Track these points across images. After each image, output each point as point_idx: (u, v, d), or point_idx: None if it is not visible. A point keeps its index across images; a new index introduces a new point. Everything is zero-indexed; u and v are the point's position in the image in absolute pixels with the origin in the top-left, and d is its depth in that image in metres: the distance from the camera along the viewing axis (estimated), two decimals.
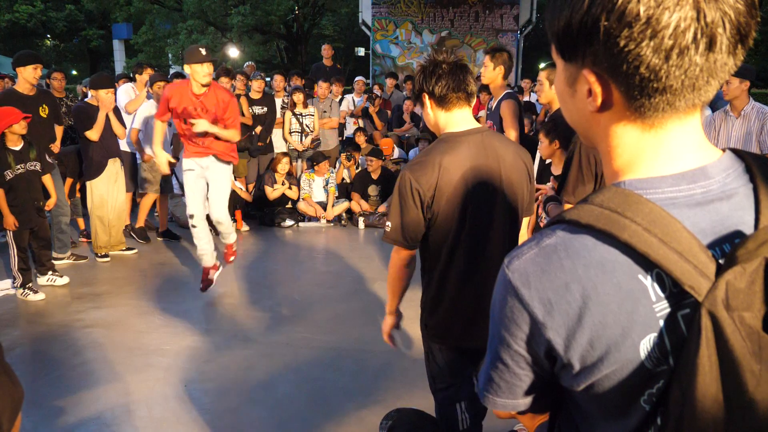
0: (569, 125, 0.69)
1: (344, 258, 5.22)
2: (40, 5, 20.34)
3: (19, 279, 4.03)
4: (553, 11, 0.59)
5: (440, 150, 1.69)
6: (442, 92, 1.68)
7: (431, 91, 1.70)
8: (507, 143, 1.80)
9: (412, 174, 1.67)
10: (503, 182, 1.72)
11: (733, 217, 0.57)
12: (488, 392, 0.72)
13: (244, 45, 18.16)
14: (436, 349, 1.85)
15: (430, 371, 1.92)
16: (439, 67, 1.68)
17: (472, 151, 1.69)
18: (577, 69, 0.60)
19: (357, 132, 7.07)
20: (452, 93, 1.69)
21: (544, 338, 0.60)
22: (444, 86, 1.68)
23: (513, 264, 0.62)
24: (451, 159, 1.67)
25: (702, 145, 0.61)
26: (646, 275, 0.56)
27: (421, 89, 1.73)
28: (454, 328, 1.78)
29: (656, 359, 0.56)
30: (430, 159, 1.67)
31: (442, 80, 1.67)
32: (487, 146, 1.72)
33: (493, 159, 1.71)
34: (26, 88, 4.40)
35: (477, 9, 11.01)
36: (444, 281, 1.75)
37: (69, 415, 2.62)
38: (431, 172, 1.65)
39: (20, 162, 3.94)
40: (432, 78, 1.68)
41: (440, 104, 1.71)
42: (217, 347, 3.33)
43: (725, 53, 0.53)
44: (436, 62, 1.69)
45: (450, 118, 1.73)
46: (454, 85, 1.68)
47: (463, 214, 1.68)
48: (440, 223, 1.69)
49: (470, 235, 1.70)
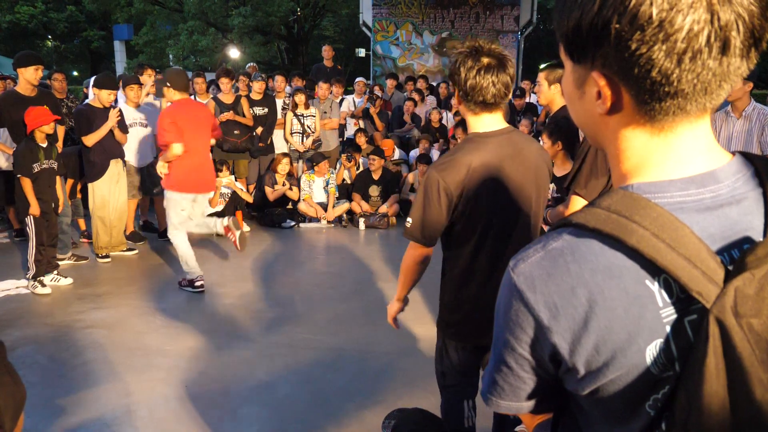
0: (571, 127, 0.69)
1: (345, 259, 5.22)
2: (41, 6, 20.35)
3: (32, 270, 4.14)
4: (563, 12, 0.58)
5: (468, 150, 1.68)
6: (477, 98, 1.63)
7: (464, 91, 1.63)
8: (531, 143, 1.80)
9: (440, 173, 1.66)
10: (528, 183, 1.73)
11: (742, 222, 0.57)
12: (492, 395, 0.71)
13: (245, 46, 18.17)
14: (452, 347, 1.86)
15: (441, 368, 1.93)
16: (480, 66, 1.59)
17: (499, 152, 1.68)
18: (586, 71, 0.59)
19: (357, 133, 7.07)
20: (483, 103, 1.64)
21: (549, 342, 0.59)
22: (479, 93, 1.61)
23: (519, 267, 0.61)
24: (479, 159, 1.66)
25: (711, 148, 0.60)
26: (654, 281, 0.55)
27: (454, 83, 1.66)
28: (474, 328, 1.79)
29: (662, 365, 0.55)
30: (457, 158, 1.67)
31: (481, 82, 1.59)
32: (514, 147, 1.71)
33: (519, 160, 1.71)
34: (27, 89, 4.42)
35: (477, 10, 11.01)
36: (467, 281, 1.75)
37: (70, 416, 2.62)
38: (459, 172, 1.65)
39: (47, 158, 4.19)
40: (470, 75, 1.60)
41: (469, 107, 1.68)
42: (218, 348, 3.33)
43: (738, 57, 0.52)
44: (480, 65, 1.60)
45: (478, 120, 1.71)
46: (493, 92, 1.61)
47: (490, 214, 1.69)
48: (466, 223, 1.69)
49: (495, 235, 1.71)
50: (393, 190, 6.47)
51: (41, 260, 4.15)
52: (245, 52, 18.38)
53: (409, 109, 7.75)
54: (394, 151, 7.22)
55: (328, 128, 6.88)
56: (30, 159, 4.07)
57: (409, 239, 1.76)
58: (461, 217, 1.69)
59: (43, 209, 4.15)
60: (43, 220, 4.16)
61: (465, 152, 1.68)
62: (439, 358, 1.92)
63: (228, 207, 5.95)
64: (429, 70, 11.17)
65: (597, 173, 2.41)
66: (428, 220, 1.69)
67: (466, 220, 1.69)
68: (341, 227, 6.28)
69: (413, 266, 1.81)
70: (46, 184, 4.19)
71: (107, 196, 4.90)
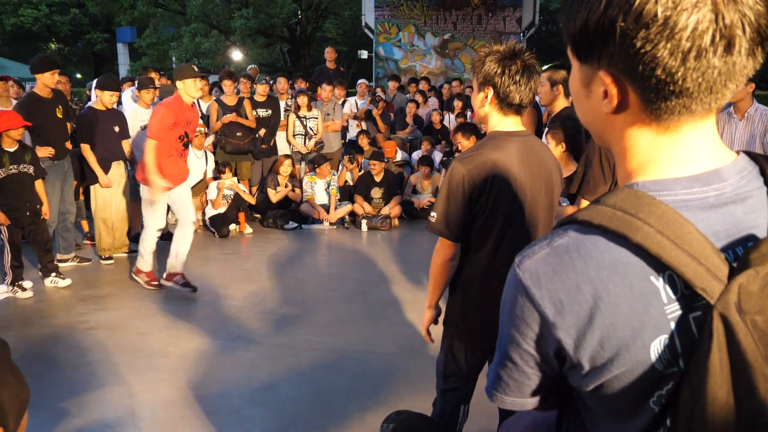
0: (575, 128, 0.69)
1: (347, 260, 5.22)
2: (44, 9, 20.43)
3: (9, 276, 4.10)
4: (570, 12, 0.59)
5: (491, 146, 1.70)
6: (512, 101, 1.65)
7: (499, 92, 1.65)
8: (546, 149, 1.83)
9: (464, 167, 1.68)
10: (545, 187, 1.75)
11: (746, 220, 0.57)
12: (497, 390, 0.72)
13: (247, 48, 18.22)
14: (460, 349, 1.83)
15: (444, 371, 1.89)
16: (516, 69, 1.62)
17: (519, 153, 1.71)
18: (592, 70, 0.60)
19: (360, 134, 7.08)
20: (518, 105, 1.67)
21: (554, 338, 0.60)
22: (516, 94, 1.64)
23: (524, 263, 0.61)
24: (502, 157, 1.68)
25: (716, 147, 0.60)
26: (658, 277, 0.56)
27: (489, 83, 1.66)
28: (488, 330, 1.77)
29: (667, 361, 0.56)
30: (481, 154, 1.69)
31: (517, 86, 1.63)
32: (533, 150, 1.74)
33: (537, 164, 1.73)
34: (45, 92, 4.53)
35: (480, 11, 11.03)
36: (485, 279, 1.74)
37: (72, 417, 2.62)
38: (483, 167, 1.67)
39: (14, 163, 4.03)
40: (507, 78, 1.62)
41: (501, 108, 1.69)
42: (221, 349, 3.33)
43: (744, 56, 0.53)
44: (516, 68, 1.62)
45: (502, 120, 1.73)
46: (524, 96, 1.65)
47: (510, 212, 1.69)
48: (486, 220, 1.70)
49: (514, 234, 1.71)
50: (395, 191, 6.48)
51: (17, 265, 4.08)
52: (248, 54, 18.42)
53: (411, 110, 7.76)
54: (396, 153, 7.23)
55: (330, 130, 6.90)
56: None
57: (434, 233, 1.75)
58: (482, 212, 1.69)
59: (16, 217, 4.03)
60: (15, 228, 4.04)
61: (489, 148, 1.69)
62: (444, 360, 1.89)
63: (231, 209, 5.97)
64: (431, 71, 11.18)
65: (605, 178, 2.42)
66: (453, 213, 1.69)
67: (487, 217, 1.69)
68: (344, 229, 6.28)
69: (442, 265, 1.78)
70: (18, 190, 4.02)
71: (109, 198, 4.92)
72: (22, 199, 4.07)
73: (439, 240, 1.77)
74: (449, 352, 1.86)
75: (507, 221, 1.70)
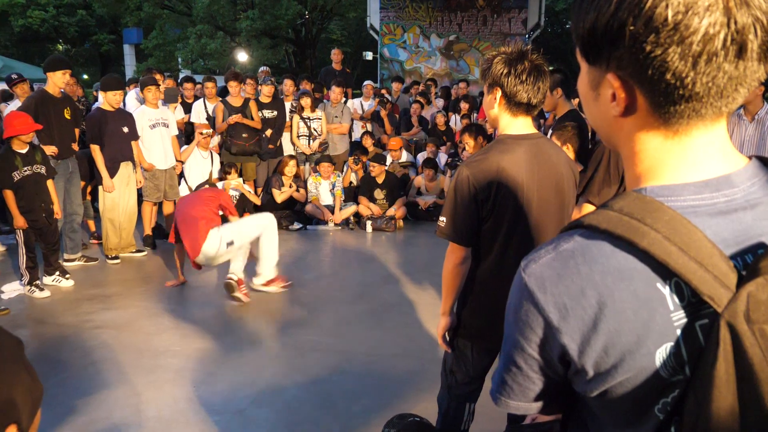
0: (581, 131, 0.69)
1: (352, 261, 5.22)
2: (52, 11, 20.57)
3: (26, 277, 4.13)
4: (579, 13, 0.58)
5: (499, 150, 1.70)
6: (520, 100, 1.65)
7: (507, 92, 1.66)
8: (558, 151, 1.82)
9: (471, 171, 1.68)
10: (556, 188, 1.74)
11: (756, 228, 0.56)
12: (501, 394, 0.71)
13: (253, 49, 18.27)
14: (469, 348, 1.85)
15: (451, 369, 1.90)
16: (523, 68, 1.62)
17: (529, 156, 1.70)
18: (601, 72, 0.59)
19: (364, 135, 7.08)
20: (526, 105, 1.67)
21: (559, 343, 0.59)
22: (524, 93, 1.64)
23: (529, 268, 0.61)
24: (510, 161, 1.68)
25: (727, 152, 0.59)
26: (665, 284, 0.55)
27: (497, 84, 1.67)
28: (496, 330, 1.78)
29: (672, 368, 0.55)
30: (488, 158, 1.69)
31: (524, 85, 1.63)
32: (543, 152, 1.73)
33: (548, 165, 1.73)
34: (56, 91, 4.58)
35: (485, 13, 11.01)
36: (493, 282, 1.74)
37: (78, 416, 2.64)
38: (489, 171, 1.67)
39: (27, 164, 4.05)
40: (514, 78, 1.63)
41: (510, 108, 1.70)
42: (226, 349, 3.34)
43: (756, 60, 0.52)
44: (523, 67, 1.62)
45: (512, 122, 1.73)
46: (532, 95, 1.65)
47: (517, 215, 1.69)
48: (493, 223, 1.70)
49: (522, 236, 1.71)
50: (399, 193, 6.47)
51: (33, 266, 4.11)
52: (253, 55, 18.47)
53: (416, 111, 7.76)
54: (401, 152, 7.22)
55: (337, 132, 6.90)
56: (7, 168, 3.93)
57: (443, 238, 1.75)
58: (490, 216, 1.69)
59: (32, 218, 4.04)
60: (30, 230, 4.06)
61: (496, 152, 1.70)
62: (454, 359, 1.89)
63: (236, 209, 5.98)
64: (436, 73, 11.18)
65: (609, 182, 2.41)
66: (462, 217, 1.70)
67: (494, 220, 1.69)
68: (348, 230, 6.28)
69: (453, 269, 1.78)
70: (33, 192, 4.05)
71: (117, 199, 4.94)
72: (37, 200, 4.10)
73: (450, 244, 1.77)
74: (457, 351, 1.88)
75: (513, 224, 1.70)
